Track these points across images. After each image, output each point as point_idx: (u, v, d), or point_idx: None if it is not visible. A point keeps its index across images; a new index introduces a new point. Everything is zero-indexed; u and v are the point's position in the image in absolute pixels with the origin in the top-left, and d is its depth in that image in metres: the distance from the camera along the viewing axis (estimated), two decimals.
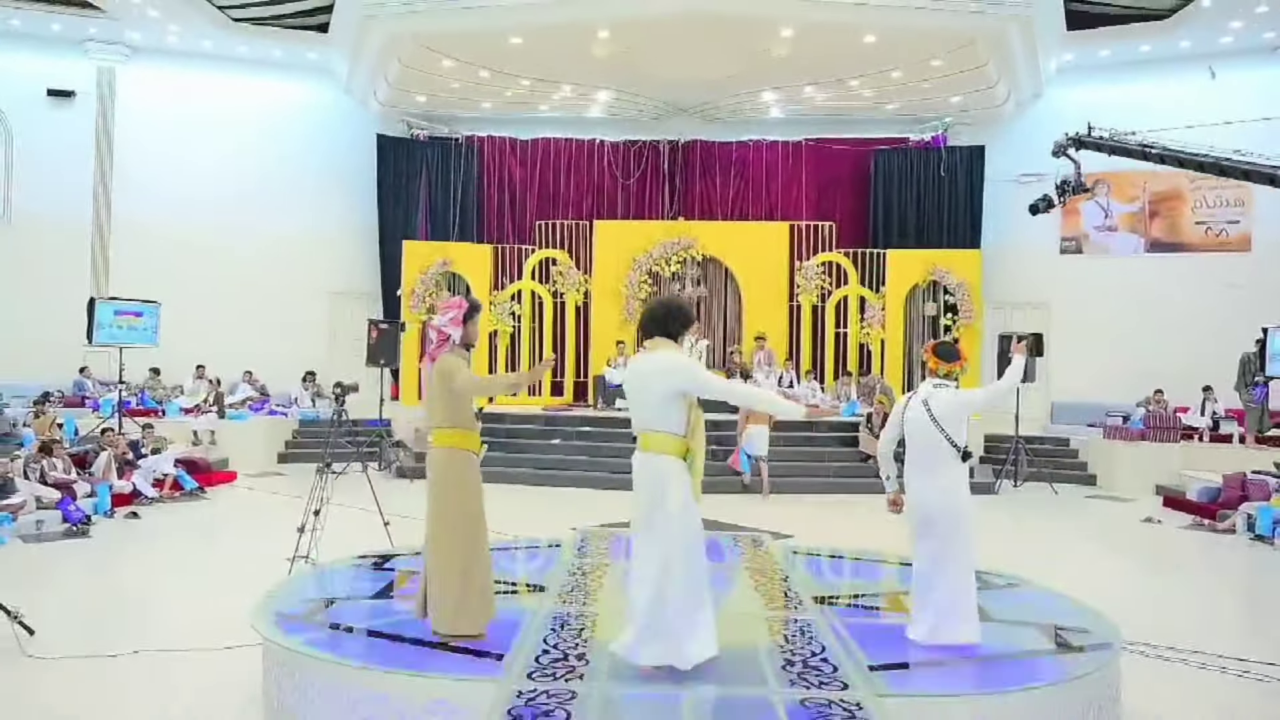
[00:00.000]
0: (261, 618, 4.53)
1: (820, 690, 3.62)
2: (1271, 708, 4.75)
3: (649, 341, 4.00)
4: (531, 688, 3.67)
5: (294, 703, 4.06)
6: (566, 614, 4.65)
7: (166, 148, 15.69)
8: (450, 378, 4.24)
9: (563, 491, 11.11)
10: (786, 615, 4.67)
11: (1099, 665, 3.98)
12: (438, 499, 4.29)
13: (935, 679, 3.86)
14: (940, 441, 4.29)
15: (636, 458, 3.94)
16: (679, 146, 16.86)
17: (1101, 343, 15.09)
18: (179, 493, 10.53)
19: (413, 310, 15.24)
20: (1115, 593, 6.59)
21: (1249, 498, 9.69)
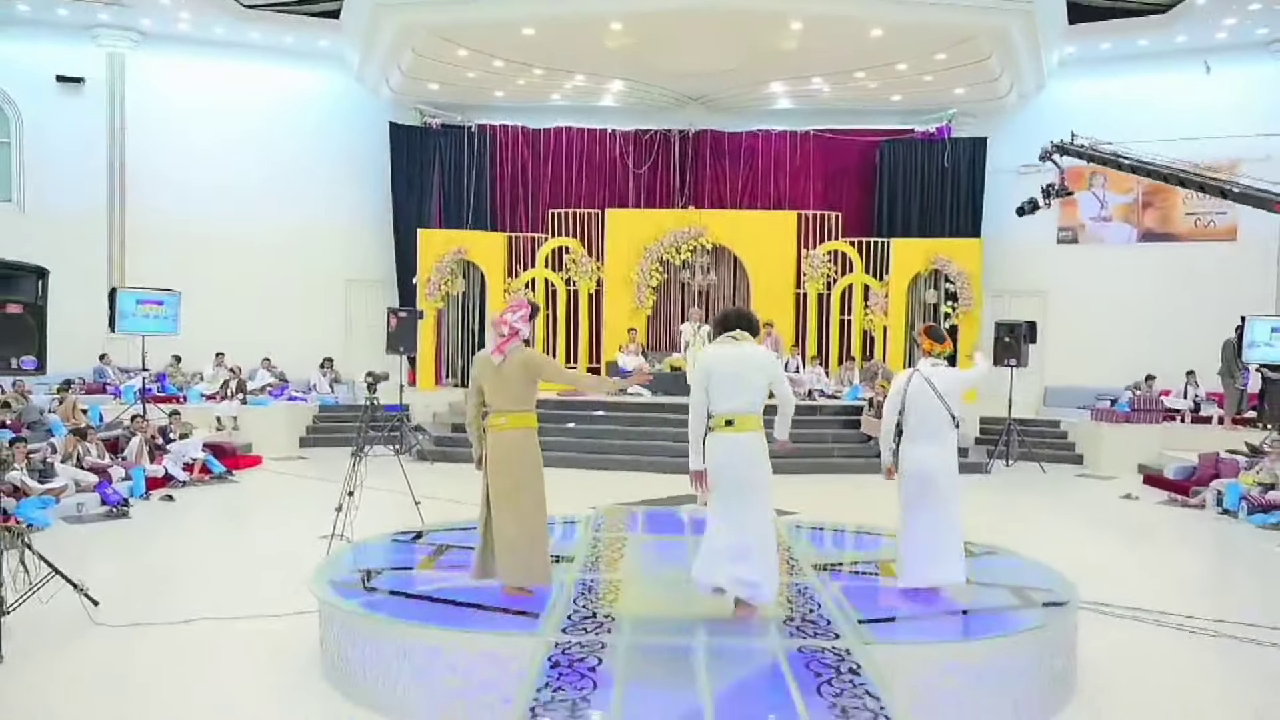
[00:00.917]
0: (318, 585, 4.94)
1: (814, 640, 4.18)
2: (1216, 659, 5.39)
3: (736, 333, 4.61)
4: (567, 640, 4.15)
5: (353, 660, 4.48)
6: (592, 580, 5.13)
7: (178, 136, 15.74)
8: (539, 369, 4.87)
9: (578, 473, 11.48)
10: (788, 580, 5.20)
11: (1055, 619, 4.58)
12: (516, 473, 4.81)
13: (915, 630, 4.45)
14: (942, 413, 4.87)
15: (734, 437, 4.46)
16: (689, 136, 17.08)
17: (1095, 329, 15.60)
18: (208, 476, 10.89)
19: (428, 298, 15.51)
20: (1087, 561, 7.17)
21: (1221, 475, 10.31)
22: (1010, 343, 12.96)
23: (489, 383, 4.89)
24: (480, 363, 4.97)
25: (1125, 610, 6.01)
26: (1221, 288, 14.63)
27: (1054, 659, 4.47)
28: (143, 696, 4.64)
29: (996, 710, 4.16)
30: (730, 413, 4.48)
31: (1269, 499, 9.28)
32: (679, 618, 4.53)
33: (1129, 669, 5.10)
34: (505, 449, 4.84)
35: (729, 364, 4.54)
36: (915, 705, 3.82)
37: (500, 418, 4.85)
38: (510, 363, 4.84)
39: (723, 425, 4.49)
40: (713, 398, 4.52)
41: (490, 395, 4.89)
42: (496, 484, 4.82)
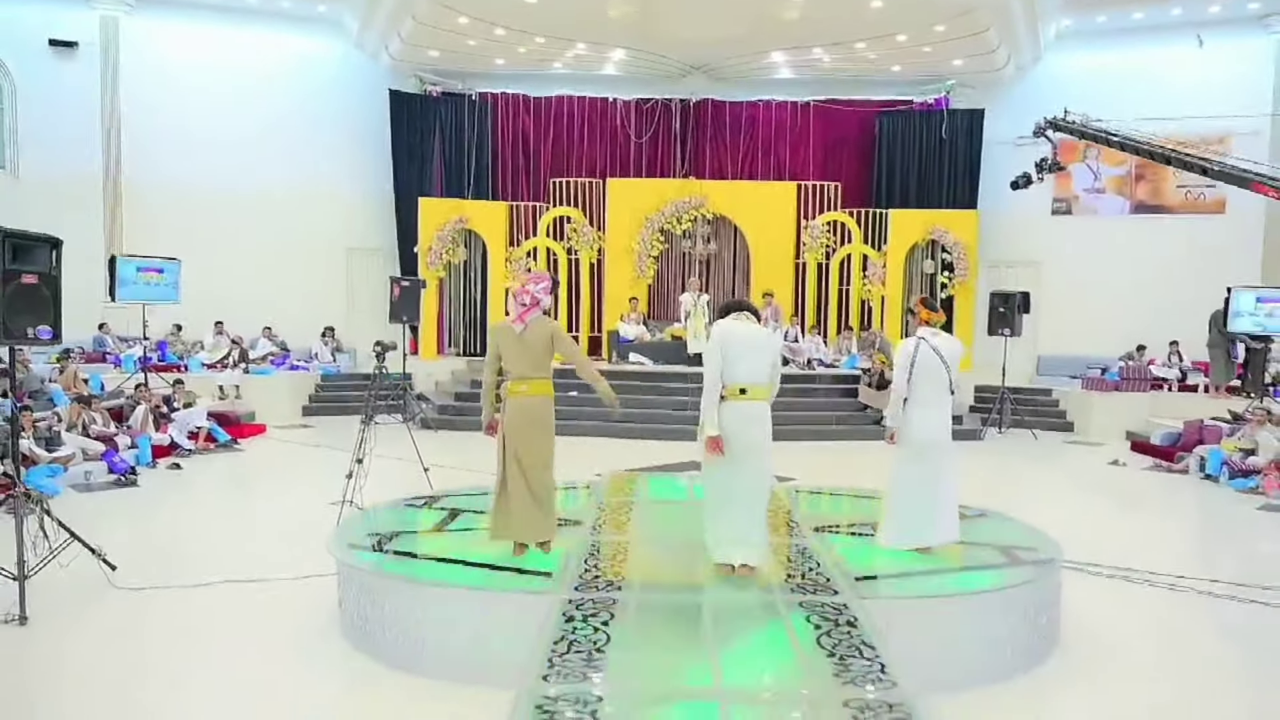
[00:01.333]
0: (337, 546, 5.13)
1: (814, 596, 4.46)
2: (1189, 613, 5.71)
3: (744, 314, 4.96)
4: (580, 596, 4.36)
5: (372, 619, 4.65)
6: (600, 543, 5.38)
7: (174, 102, 15.54)
8: (562, 340, 5.14)
9: (581, 440, 11.60)
10: (789, 541, 5.47)
11: (1040, 576, 4.87)
12: (536, 437, 5.05)
13: (908, 586, 4.72)
14: (945, 379, 5.14)
15: (748, 405, 4.74)
16: (690, 105, 17.09)
17: (1087, 300, 15.84)
18: (213, 445, 10.97)
19: (430, 267, 15.55)
20: (1073, 523, 7.45)
21: (1204, 442, 10.66)
22: (1004, 313, 13.18)
23: (510, 350, 5.04)
24: (501, 331, 5.13)
25: (1108, 569, 6.33)
26: (1210, 259, 14.87)
27: (1038, 613, 4.74)
28: (165, 655, 4.78)
29: (983, 660, 4.44)
30: (745, 381, 4.74)
31: (1249, 464, 9.62)
32: (685, 577, 4.77)
33: (1109, 623, 5.41)
34: (526, 413, 5.02)
35: (745, 336, 4.83)
36: (908, 655, 4.05)
37: (522, 384, 5.01)
38: (533, 331, 5.03)
39: (737, 393, 4.74)
40: (728, 367, 4.75)
41: (511, 362, 5.04)
42: (517, 447, 4.99)
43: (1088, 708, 4.37)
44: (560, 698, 3.31)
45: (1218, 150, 12.42)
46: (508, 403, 5.05)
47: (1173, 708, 4.36)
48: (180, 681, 4.44)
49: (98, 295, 12.91)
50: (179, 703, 4.22)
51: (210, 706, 4.20)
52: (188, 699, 4.26)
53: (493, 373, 5.18)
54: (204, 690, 4.36)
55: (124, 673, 4.56)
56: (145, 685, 4.41)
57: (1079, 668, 4.72)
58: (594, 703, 3.30)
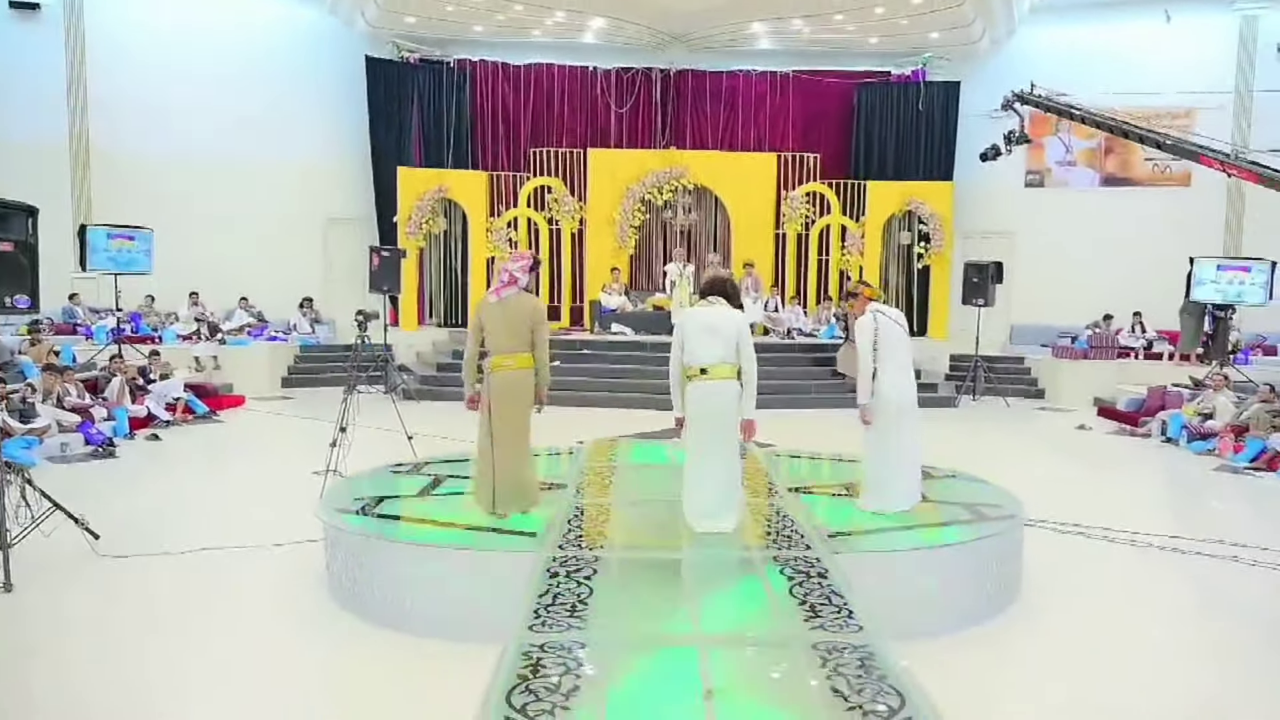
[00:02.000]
0: (324, 510, 5.23)
1: (788, 551, 4.67)
2: (1143, 566, 6.02)
3: (713, 298, 5.16)
4: (564, 554, 4.49)
5: (360, 580, 4.77)
6: (583, 505, 5.55)
7: (144, 66, 15.04)
8: (541, 322, 5.27)
9: (564, 410, 11.56)
10: (767, 502, 5.69)
11: (1002, 530, 5.12)
12: (517, 410, 5.21)
13: (877, 541, 4.95)
14: (907, 345, 5.44)
15: (707, 384, 4.95)
16: (671, 75, 17.03)
17: (1059, 270, 16.11)
18: (191, 417, 10.90)
19: (409, 237, 15.46)
20: (1039, 483, 7.77)
21: (1166, 407, 11.04)
22: (978, 283, 13.41)
23: (492, 325, 5.20)
24: (483, 306, 5.28)
25: (1069, 526, 6.63)
26: (1176, 231, 15.16)
27: (1001, 565, 5.00)
28: (152, 620, 4.82)
29: (946, 609, 4.68)
30: (703, 362, 4.97)
31: (1207, 428, 9.98)
32: (665, 537, 4.94)
33: (1067, 575, 5.70)
34: (508, 387, 5.17)
35: (701, 320, 5.05)
36: (875, 604, 4.22)
37: (506, 359, 5.17)
38: (513, 306, 5.19)
39: (697, 373, 4.97)
40: (687, 351, 5.02)
41: (493, 337, 5.19)
42: (500, 420, 5.15)
43: (1043, 651, 4.60)
44: (546, 645, 3.46)
45: (1185, 124, 12.72)
46: (491, 377, 5.18)
47: (1126, 652, 4.60)
48: (168, 645, 4.50)
49: (67, 266, 12.68)
50: (167, 665, 4.28)
51: (198, 668, 4.26)
52: (176, 662, 4.32)
53: (475, 347, 5.32)
54: (192, 653, 4.42)
55: (111, 638, 4.60)
56: (134, 649, 4.46)
57: (1037, 616, 4.97)
58: (578, 649, 3.46)
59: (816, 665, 3.32)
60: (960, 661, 4.32)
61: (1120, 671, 4.38)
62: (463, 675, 3.67)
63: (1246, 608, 5.35)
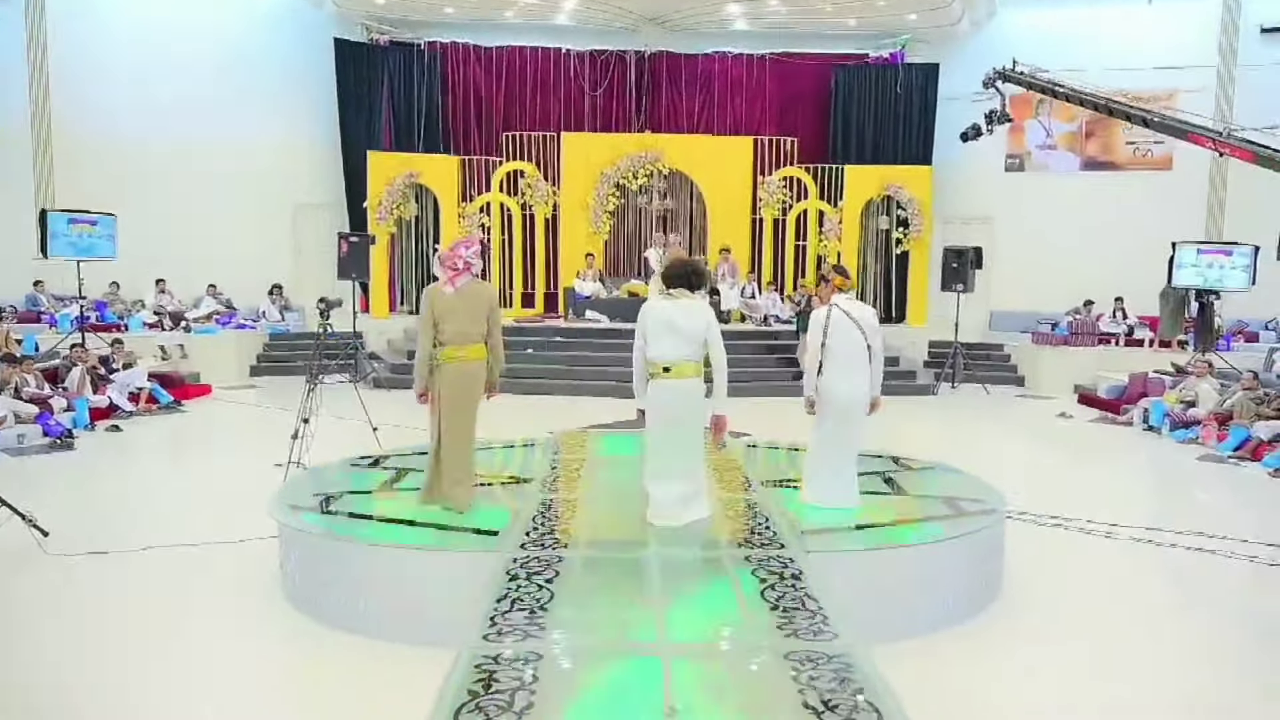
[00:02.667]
0: (278, 508, 5.00)
1: (760, 550, 4.45)
2: (1125, 559, 5.87)
3: (675, 291, 4.87)
4: (525, 554, 4.27)
5: (314, 581, 4.59)
6: (550, 500, 5.32)
7: (107, 48, 14.85)
8: (497, 309, 5.12)
9: (537, 399, 11.59)
10: (740, 497, 5.47)
11: (982, 526, 4.92)
12: (469, 401, 5.04)
13: (853, 539, 4.72)
14: (862, 344, 5.14)
15: (671, 383, 4.75)
16: (645, 58, 16.79)
17: (1039, 255, 15.99)
18: (155, 407, 10.63)
19: (379, 223, 15.25)
20: (1020, 474, 7.72)
21: (1148, 394, 10.90)
22: (958, 268, 13.28)
23: (450, 315, 4.98)
24: (435, 296, 5.02)
25: (1050, 518, 6.47)
26: (1157, 214, 15.07)
27: (982, 563, 4.82)
28: (99, 623, 4.64)
29: (926, 609, 4.49)
30: (667, 360, 4.75)
31: (1189, 416, 9.85)
32: (632, 534, 4.74)
33: (1049, 570, 5.54)
34: (462, 379, 5.00)
35: (664, 315, 4.79)
36: (851, 605, 4.05)
37: (459, 349, 4.97)
38: (468, 295, 5.00)
39: (661, 371, 4.77)
40: (650, 346, 4.80)
41: (450, 328, 4.98)
42: (452, 411, 4.99)
43: (1026, 651, 4.45)
44: (499, 657, 3.24)
45: (1166, 107, 12.56)
46: (444, 368, 4.99)
47: (1110, 650, 4.45)
48: (111, 649, 4.33)
49: (30, 254, 12.44)
50: (110, 670, 4.11)
51: (143, 673, 4.10)
52: (119, 667, 4.15)
53: (429, 339, 5.05)
54: (136, 657, 4.25)
55: (51, 642, 4.41)
56: (74, 654, 4.29)
57: (1019, 615, 4.81)
58: (535, 661, 3.24)
59: (789, 677, 3.10)
60: (941, 663, 4.18)
61: (1105, 671, 4.24)
62: (417, 680, 3.49)
63: (1229, 602, 5.23)
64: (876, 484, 5.79)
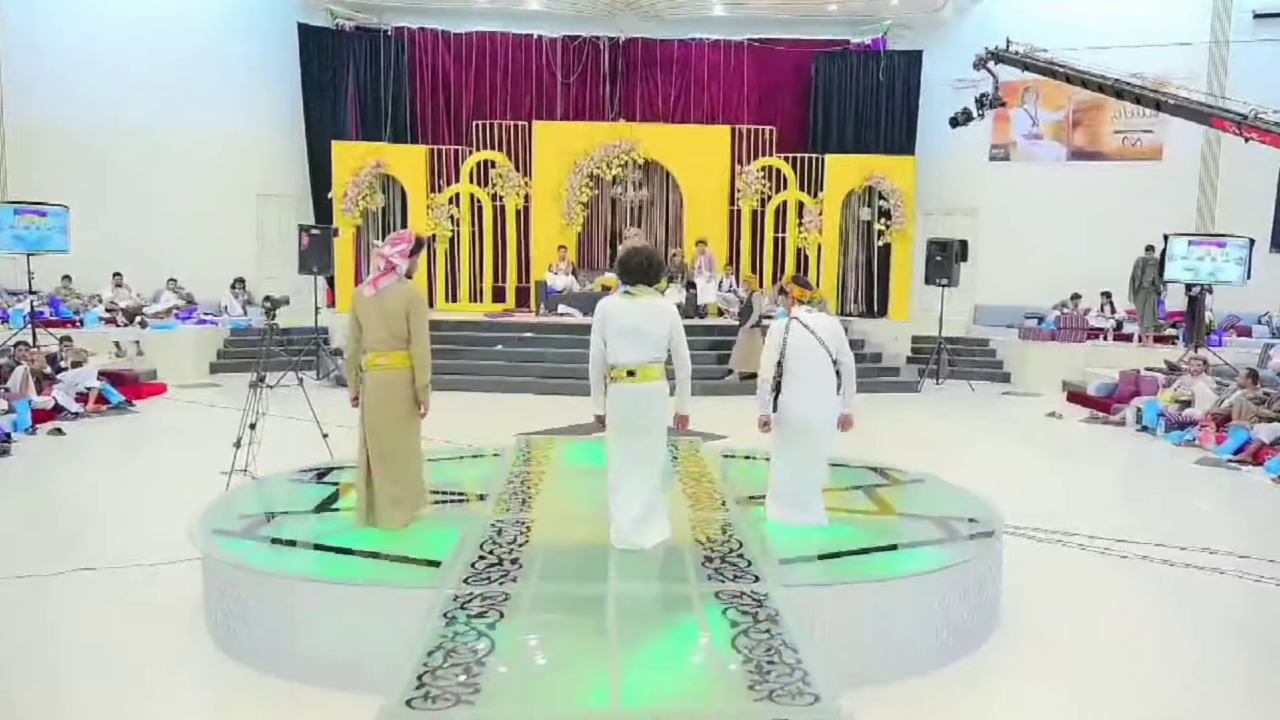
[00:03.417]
0: (199, 533, 4.53)
1: (733, 584, 3.97)
2: (1132, 578, 5.43)
3: (635, 288, 4.50)
4: (467, 591, 3.80)
5: (237, 616, 4.15)
6: (503, 521, 4.83)
7: (60, 33, 14.44)
8: (417, 313, 4.67)
9: (506, 397, 11.18)
10: (712, 516, 4.98)
11: (981, 551, 4.48)
12: (396, 415, 4.69)
13: (836, 568, 4.25)
14: (825, 359, 4.76)
15: (634, 387, 4.42)
16: (620, 44, 16.36)
17: (1024, 247, 15.64)
18: (105, 407, 10.17)
19: (345, 214, 14.84)
20: (1011, 482, 7.22)
21: (1141, 393, 10.50)
22: (942, 261, 12.90)
23: (368, 320, 4.68)
24: (356, 298, 4.78)
25: (1047, 533, 6.03)
26: (1146, 206, 14.72)
27: (978, 592, 4.36)
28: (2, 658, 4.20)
29: (919, 647, 4.05)
30: (630, 363, 4.44)
31: (1185, 416, 9.46)
32: (590, 562, 4.29)
33: (1050, 593, 5.09)
34: (386, 390, 4.69)
35: (624, 315, 4.45)
36: (836, 644, 3.66)
37: (381, 357, 4.66)
38: (390, 298, 4.65)
39: (624, 375, 4.45)
40: (610, 349, 4.47)
41: (369, 333, 4.68)
42: (377, 427, 4.68)
43: (1032, 691, 4.03)
44: None
45: None
46: (366, 377, 4.72)
47: (1121, 687, 4.03)
48: (7, 689, 3.90)
49: None
50: (5, 713, 3.74)
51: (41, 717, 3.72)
52: (15, 710, 3.75)
53: (355, 343, 4.81)
54: (35, 699, 3.84)
55: None
56: None
57: (1021, 648, 4.39)
58: None
59: None
60: (936, 708, 3.76)
61: (1113, 711, 3.82)
62: None
63: (1242, 628, 4.81)
64: (860, 500, 5.37)
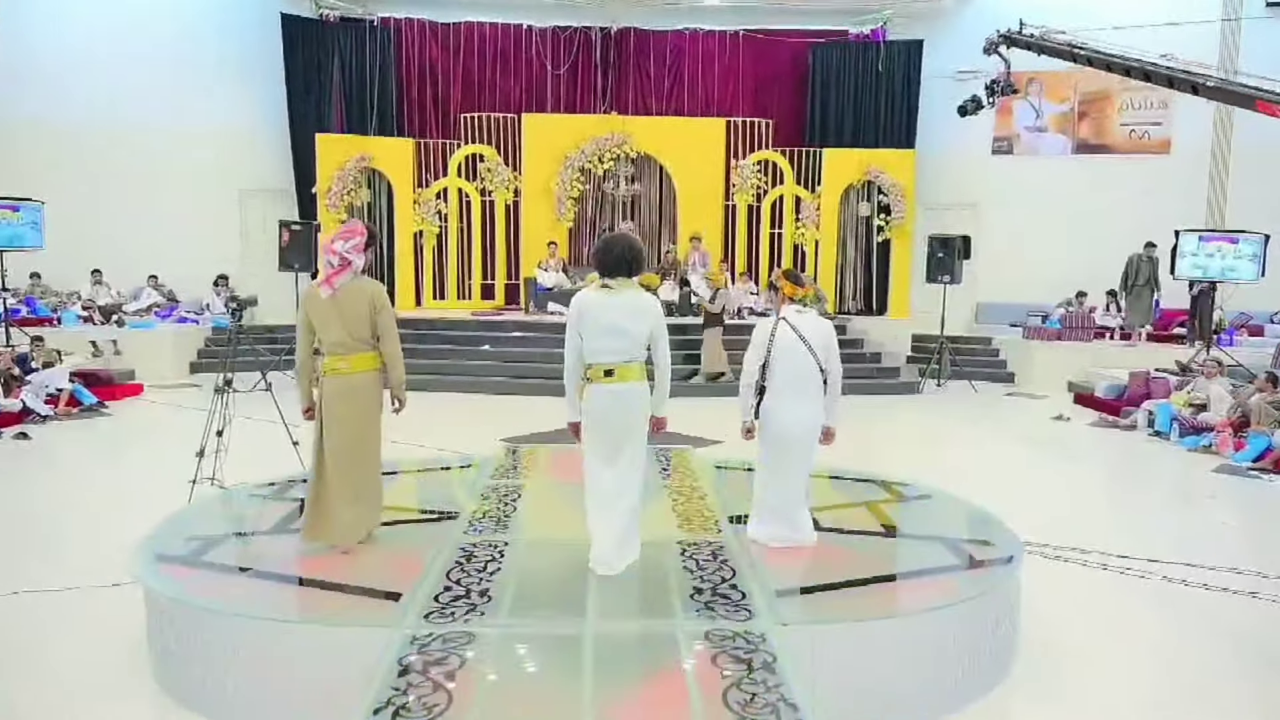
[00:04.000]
0: (139, 559, 4.14)
1: (725, 622, 3.56)
2: (1158, 603, 5.00)
3: (614, 281, 4.16)
4: (427, 632, 3.41)
5: (178, 654, 3.80)
6: (474, 545, 4.42)
7: (36, 27, 14.19)
8: (383, 310, 4.38)
9: (493, 399, 10.87)
10: (704, 538, 4.58)
11: (999, 581, 4.07)
12: (357, 423, 4.37)
13: (839, 602, 3.84)
14: (812, 365, 4.37)
15: (613, 387, 4.10)
16: (612, 35, 16.07)
17: (1027, 244, 15.29)
18: (76, 409, 9.90)
19: (329, 209, 14.56)
20: (1019, 491, 6.88)
21: (1151, 395, 10.09)
22: (944, 258, 12.55)
23: (323, 321, 4.36)
24: (309, 299, 4.42)
25: (1063, 551, 5.62)
26: (1154, 201, 14.35)
27: (996, 625, 3.96)
28: None
29: (932, 691, 3.64)
30: (608, 361, 4.13)
31: (1201, 420, 9.05)
32: (570, 591, 3.89)
33: (1068, 623, 4.68)
34: (346, 396, 4.36)
35: (602, 310, 4.14)
36: (840, 695, 3.27)
37: (339, 361, 4.35)
38: (348, 297, 4.34)
39: (601, 375, 4.14)
40: (586, 347, 4.16)
41: (325, 335, 4.37)
42: (336, 436, 4.34)
43: None
44: None
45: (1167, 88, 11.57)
46: (324, 383, 4.40)
47: None
48: None
49: None
50: None
51: None
52: None
53: (306, 348, 4.49)
54: None
55: None
56: None
57: (1043, 684, 3.99)
58: None
59: None
60: None
61: None
62: None
63: None
64: (863, 517, 4.97)
